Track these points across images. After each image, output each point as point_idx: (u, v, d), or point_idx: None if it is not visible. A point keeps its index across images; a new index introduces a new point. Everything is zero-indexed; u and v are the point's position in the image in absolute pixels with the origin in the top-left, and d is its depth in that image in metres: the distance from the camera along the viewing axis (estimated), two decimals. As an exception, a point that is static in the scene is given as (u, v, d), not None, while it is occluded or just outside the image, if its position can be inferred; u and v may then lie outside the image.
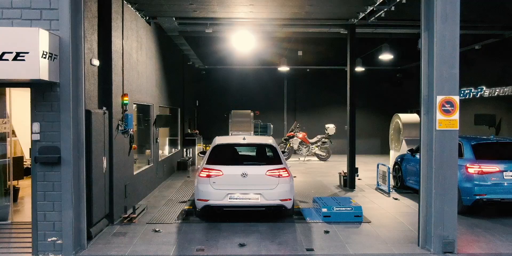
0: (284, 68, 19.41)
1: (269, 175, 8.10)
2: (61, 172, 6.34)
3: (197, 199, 8.21)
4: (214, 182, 8.04)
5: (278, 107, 21.68)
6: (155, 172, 11.89)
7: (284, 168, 8.26)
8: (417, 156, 10.87)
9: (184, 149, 16.82)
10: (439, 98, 6.54)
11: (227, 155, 8.89)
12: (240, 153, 9.72)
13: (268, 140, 9.23)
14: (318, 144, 18.87)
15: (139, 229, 7.79)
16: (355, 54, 12.25)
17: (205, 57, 19.40)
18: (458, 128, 6.56)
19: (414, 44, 10.02)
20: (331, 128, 18.70)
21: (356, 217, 8.37)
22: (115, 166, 8.18)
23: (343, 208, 8.43)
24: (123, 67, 8.67)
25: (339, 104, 20.36)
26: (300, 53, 20.70)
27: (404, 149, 13.97)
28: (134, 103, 9.91)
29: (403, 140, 14.44)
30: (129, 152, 9.12)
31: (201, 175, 8.17)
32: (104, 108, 7.82)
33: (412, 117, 15.05)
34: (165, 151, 14.79)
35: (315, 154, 18.92)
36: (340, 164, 16.79)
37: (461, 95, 15.52)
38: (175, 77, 15.39)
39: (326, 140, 18.87)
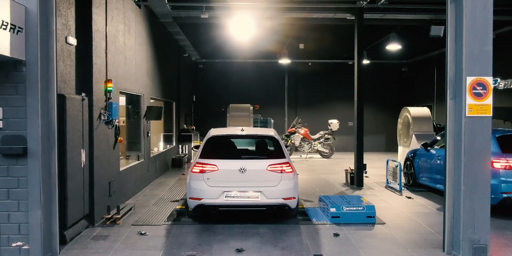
0: (285, 61, 18.53)
1: (271, 171, 7.17)
2: (27, 166, 5.43)
3: (190, 198, 7.27)
4: (209, 178, 7.11)
5: (279, 102, 20.76)
6: (146, 168, 10.96)
7: (287, 162, 7.32)
8: (432, 150, 9.98)
9: (180, 146, 15.89)
10: (470, 80, 5.61)
11: (223, 148, 7.96)
12: (238, 146, 8.79)
13: (270, 132, 8.29)
14: (321, 140, 17.93)
15: (123, 232, 6.85)
16: (363, 43, 11.32)
17: (202, 49, 18.48)
18: (491, 115, 5.64)
19: (422, 34, 9.19)
20: (334, 123, 17.78)
21: (369, 218, 7.44)
22: (96, 161, 7.24)
23: (354, 208, 7.50)
24: (106, 50, 7.72)
25: (342, 99, 19.57)
26: (301, 46, 19.84)
27: (414, 144, 13.07)
28: (121, 92, 8.97)
29: (413, 135, 13.52)
30: (114, 145, 8.18)
31: (193, 170, 7.24)
32: (83, 94, 6.87)
33: (422, 111, 14.14)
34: (160, 147, 13.87)
35: (318, 151, 17.99)
36: (344, 161, 15.85)
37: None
38: (170, 69, 14.42)
39: (329, 136, 17.92)
